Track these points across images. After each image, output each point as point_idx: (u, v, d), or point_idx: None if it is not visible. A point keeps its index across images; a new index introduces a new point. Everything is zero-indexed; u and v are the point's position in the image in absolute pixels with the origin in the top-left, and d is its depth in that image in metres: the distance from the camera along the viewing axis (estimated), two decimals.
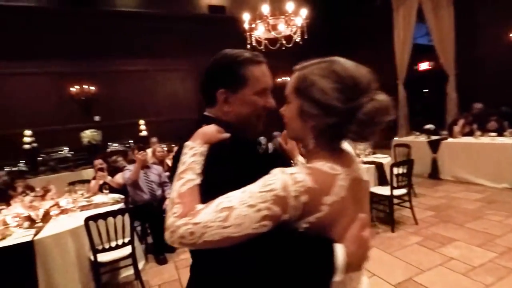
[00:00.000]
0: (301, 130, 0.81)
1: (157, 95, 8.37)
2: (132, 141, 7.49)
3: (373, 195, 3.80)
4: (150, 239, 3.67)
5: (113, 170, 4.30)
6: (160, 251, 3.44)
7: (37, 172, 6.13)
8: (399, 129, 7.96)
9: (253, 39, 5.26)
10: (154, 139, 6.47)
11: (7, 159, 6.33)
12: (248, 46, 5.24)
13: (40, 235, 2.49)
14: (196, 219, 0.66)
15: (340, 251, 0.70)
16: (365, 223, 0.77)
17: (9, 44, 6.86)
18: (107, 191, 3.51)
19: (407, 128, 7.77)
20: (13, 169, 5.99)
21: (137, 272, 2.79)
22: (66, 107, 7.41)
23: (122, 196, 3.49)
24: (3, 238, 2.50)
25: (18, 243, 2.39)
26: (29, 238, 2.43)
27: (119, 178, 3.81)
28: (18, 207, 2.87)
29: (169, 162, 5.36)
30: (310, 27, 5.32)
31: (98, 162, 3.99)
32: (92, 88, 7.62)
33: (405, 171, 3.65)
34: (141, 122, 7.81)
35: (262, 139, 1.07)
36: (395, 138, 6.34)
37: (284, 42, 5.30)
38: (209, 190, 0.73)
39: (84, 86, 7.50)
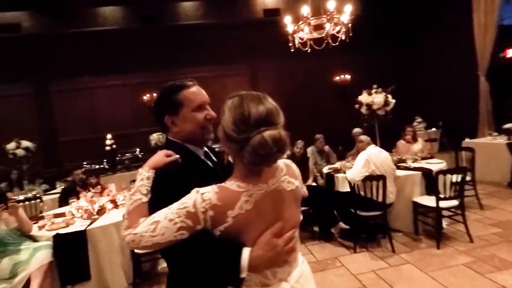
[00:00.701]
0: (228, 150, 0.97)
1: (217, 100, 8.82)
2: None
3: (417, 205, 3.44)
4: None
5: None
6: None
7: (115, 170, 7.20)
8: (480, 128, 6.89)
9: (297, 41, 5.22)
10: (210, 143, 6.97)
11: (94, 158, 7.61)
12: (292, 50, 5.25)
13: (92, 226, 2.98)
14: (135, 230, 0.87)
15: (245, 254, 0.87)
16: (278, 231, 0.91)
17: (97, 62, 8.19)
18: None
19: (492, 127, 6.60)
20: (98, 166, 7.19)
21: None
22: (139, 113, 8.48)
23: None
24: (67, 226, 3.07)
25: (75, 231, 2.92)
26: (83, 228, 2.94)
27: None
28: (82, 201, 3.47)
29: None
30: (359, 21, 5.03)
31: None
32: None
33: (459, 179, 3.21)
34: None
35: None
36: (466, 140, 5.53)
37: (329, 41, 5.13)
38: (156, 205, 0.91)
39: (154, 95, 8.45)
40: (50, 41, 7.99)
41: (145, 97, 8.43)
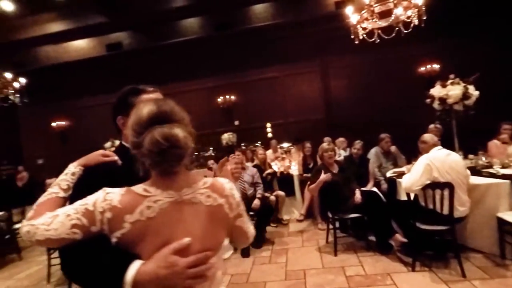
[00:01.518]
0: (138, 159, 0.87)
1: (285, 99, 8.89)
2: (260, 142, 8.34)
3: (503, 222, 2.77)
4: None
5: None
6: None
7: (192, 167, 7.94)
8: None
9: (362, 31, 4.78)
10: (273, 141, 7.00)
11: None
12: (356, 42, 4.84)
13: None
14: (34, 221, 0.80)
15: (133, 268, 0.76)
16: (182, 248, 0.79)
17: (179, 69, 9.16)
18: None
19: None
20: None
21: None
22: (214, 115, 9.13)
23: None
24: None
25: None
26: None
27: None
28: None
29: (277, 163, 5.71)
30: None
31: (210, 162, 4.81)
32: (233, 97, 9.00)
33: None
34: (268, 125, 8.55)
35: None
36: None
37: (401, 28, 4.53)
38: (72, 201, 0.89)
39: (227, 96, 8.97)
40: (144, 55, 9.28)
41: (219, 99, 9.00)
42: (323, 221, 4.24)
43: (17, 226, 4.95)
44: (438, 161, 2.71)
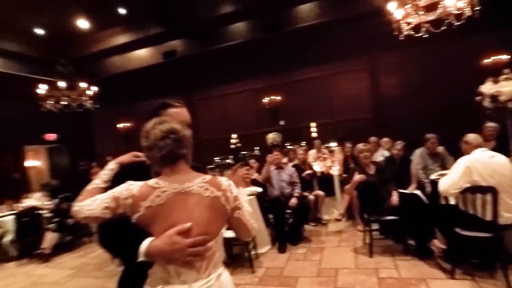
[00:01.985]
0: (150, 162, 1.16)
1: (332, 98, 8.77)
2: (305, 142, 8.37)
3: None
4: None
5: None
6: (281, 241, 3.98)
7: (233, 165, 8.30)
8: None
9: (407, 26, 4.57)
10: (317, 141, 7.00)
11: (222, 154, 9.01)
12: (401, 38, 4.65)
13: None
14: (81, 203, 1.07)
15: (146, 242, 1.01)
16: (183, 230, 1.01)
17: (227, 72, 9.62)
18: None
19: None
20: (223, 161, 8.51)
21: (249, 252, 3.48)
22: (259, 115, 9.40)
23: (260, 190, 4.32)
24: None
25: None
26: None
27: (258, 175, 4.68)
28: None
29: (318, 163, 5.75)
30: None
31: (252, 161, 5.06)
32: (278, 98, 9.17)
33: None
34: (312, 124, 8.53)
35: None
36: None
37: (452, 20, 4.24)
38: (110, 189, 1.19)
39: (272, 97, 9.17)
40: (196, 60, 9.94)
41: (264, 100, 9.24)
42: (362, 222, 4.20)
43: None
44: (480, 163, 2.56)
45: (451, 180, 2.66)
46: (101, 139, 11.64)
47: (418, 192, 3.75)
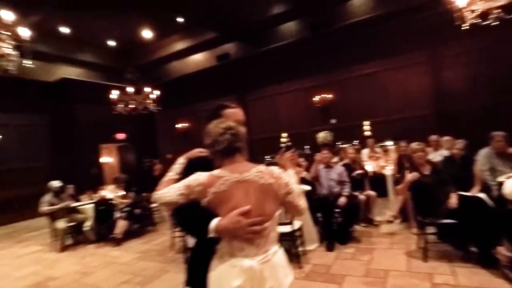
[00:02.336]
0: (214, 158, 1.37)
1: (387, 94, 8.34)
2: (357, 141, 8.10)
3: None
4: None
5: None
6: (330, 239, 3.98)
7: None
8: None
9: (471, 15, 4.18)
10: (370, 140, 6.75)
11: (272, 153, 9.14)
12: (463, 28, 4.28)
13: None
14: (160, 191, 1.33)
15: (214, 221, 1.22)
16: (243, 211, 1.21)
17: (278, 72, 9.75)
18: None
19: None
20: (273, 160, 8.64)
21: (296, 247, 3.57)
22: (310, 114, 9.36)
23: (308, 188, 4.37)
24: None
25: None
26: None
27: (307, 174, 4.71)
28: None
29: (371, 162, 5.57)
30: None
31: (301, 160, 5.10)
32: (329, 95, 9.02)
33: None
34: (366, 123, 8.19)
35: None
36: None
37: None
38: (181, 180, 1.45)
39: (323, 95, 9.05)
40: (247, 62, 10.28)
41: (315, 98, 9.16)
42: (417, 225, 3.98)
43: (153, 205, 6.40)
44: None
45: None
46: (162, 138, 12.68)
47: (482, 195, 3.43)
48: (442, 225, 3.26)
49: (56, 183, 5.39)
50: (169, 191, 1.29)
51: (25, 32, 3.50)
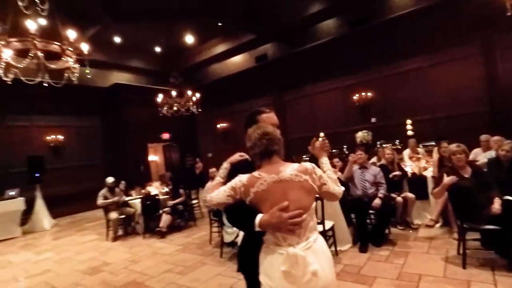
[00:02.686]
0: (254, 158, 1.54)
1: (433, 91, 7.87)
2: (398, 141, 7.77)
3: None
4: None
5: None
6: (363, 241, 3.96)
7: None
8: None
9: None
10: (411, 140, 6.46)
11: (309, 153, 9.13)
12: None
13: None
14: (211, 194, 1.51)
15: (258, 217, 1.38)
16: (283, 207, 1.35)
17: (316, 71, 9.70)
18: None
19: None
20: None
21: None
22: (349, 113, 9.17)
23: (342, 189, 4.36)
24: None
25: None
26: None
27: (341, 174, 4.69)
28: None
29: (414, 163, 5.38)
30: None
31: (335, 160, 5.09)
32: (369, 94, 8.76)
33: None
34: (408, 121, 7.81)
35: None
36: None
37: None
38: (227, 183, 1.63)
39: (362, 93, 8.81)
40: (284, 62, 10.35)
41: (354, 97, 8.96)
42: (458, 230, 3.79)
43: (193, 202, 6.81)
44: None
45: None
46: (203, 138, 13.27)
47: None
48: (484, 231, 3.10)
49: (110, 179, 6.01)
50: (218, 193, 1.46)
51: (85, 47, 3.97)
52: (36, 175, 7.77)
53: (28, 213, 7.62)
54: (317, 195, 1.51)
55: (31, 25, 3.36)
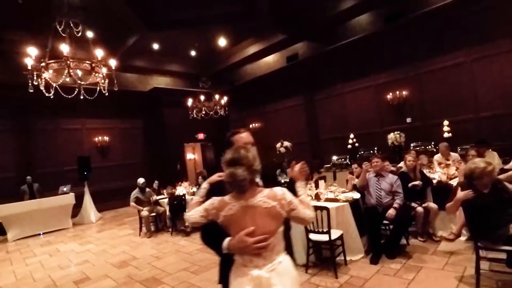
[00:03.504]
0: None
1: (476, 88, 7.18)
2: (433, 143, 7.23)
3: None
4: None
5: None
6: (375, 252, 3.85)
7: (349, 165, 8.06)
8: None
9: None
10: (443, 144, 6.00)
11: (340, 153, 8.93)
12: None
13: None
14: (189, 213, 1.57)
15: (226, 241, 1.49)
16: (248, 232, 1.43)
17: (347, 69, 9.39)
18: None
19: None
20: (339, 161, 8.46)
21: (333, 256, 3.59)
22: (382, 112, 8.73)
23: (356, 196, 4.28)
24: None
25: None
26: None
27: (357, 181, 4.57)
28: None
29: (441, 170, 5.04)
30: None
31: (354, 166, 4.96)
32: (404, 92, 8.26)
33: None
34: (445, 123, 7.21)
35: None
36: None
37: None
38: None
39: (397, 92, 8.34)
40: (315, 61, 10.17)
41: (388, 96, 8.52)
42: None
43: None
44: None
45: None
46: None
47: None
48: (505, 251, 2.85)
49: (141, 180, 6.54)
50: (194, 213, 1.53)
51: (113, 63, 4.40)
52: (84, 173, 8.70)
53: (78, 207, 8.58)
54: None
55: (65, 48, 3.83)
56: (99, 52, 4.18)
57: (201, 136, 12.60)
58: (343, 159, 8.77)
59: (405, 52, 8.12)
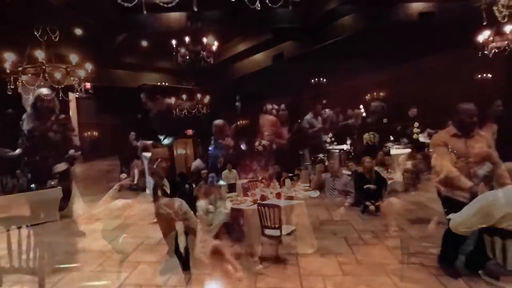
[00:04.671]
0: None
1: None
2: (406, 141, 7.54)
3: None
4: None
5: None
6: None
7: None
8: None
9: None
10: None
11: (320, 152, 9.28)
12: None
13: (247, 207, 4.39)
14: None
15: None
16: None
17: (336, 68, 9.56)
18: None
19: None
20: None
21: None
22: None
23: (314, 195, 4.59)
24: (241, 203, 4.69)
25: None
26: (242, 207, 4.42)
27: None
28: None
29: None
30: None
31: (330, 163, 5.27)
32: (381, 94, 8.54)
33: None
34: (415, 124, 7.50)
35: None
36: None
37: None
38: None
39: (374, 94, 8.62)
40: (301, 60, 10.38)
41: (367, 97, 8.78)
42: None
43: None
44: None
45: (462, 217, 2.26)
46: None
47: None
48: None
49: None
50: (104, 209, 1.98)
51: (88, 67, 4.70)
52: None
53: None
54: None
55: (40, 54, 4.12)
56: (73, 58, 4.44)
57: (190, 132, 12.86)
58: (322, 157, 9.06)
59: (391, 52, 8.27)
